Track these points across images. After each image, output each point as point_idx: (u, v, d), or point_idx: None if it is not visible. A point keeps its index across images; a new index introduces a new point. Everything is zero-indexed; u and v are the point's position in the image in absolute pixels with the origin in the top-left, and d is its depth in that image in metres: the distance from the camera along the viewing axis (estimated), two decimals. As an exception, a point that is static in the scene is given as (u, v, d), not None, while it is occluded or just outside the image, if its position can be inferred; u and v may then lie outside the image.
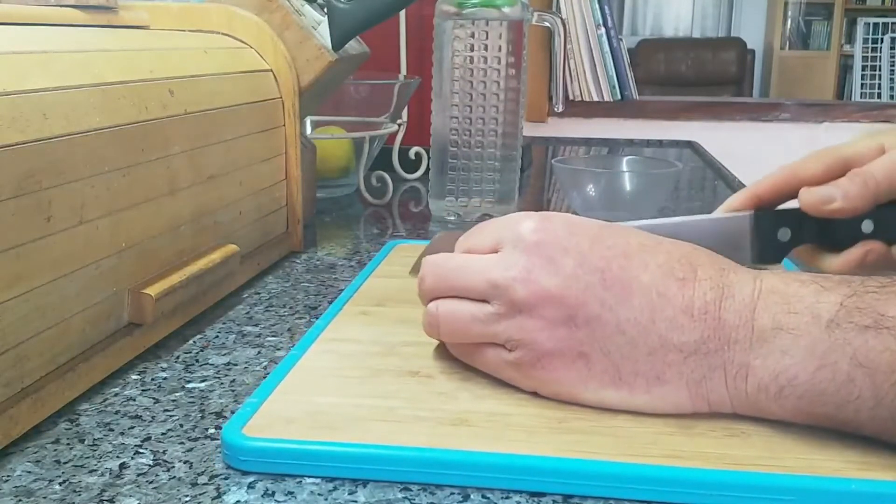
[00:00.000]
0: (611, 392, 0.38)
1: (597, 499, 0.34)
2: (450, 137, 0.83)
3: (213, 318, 0.55)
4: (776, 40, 5.33)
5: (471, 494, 0.34)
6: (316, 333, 0.48)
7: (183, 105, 0.52)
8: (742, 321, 0.37)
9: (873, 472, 0.34)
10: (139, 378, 0.45)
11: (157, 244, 0.49)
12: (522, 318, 0.39)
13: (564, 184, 0.87)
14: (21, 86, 0.39)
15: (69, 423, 0.40)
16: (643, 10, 5.72)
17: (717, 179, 1.23)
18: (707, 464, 0.34)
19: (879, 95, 5.01)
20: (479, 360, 0.42)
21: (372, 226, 0.85)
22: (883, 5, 5.35)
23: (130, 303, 0.47)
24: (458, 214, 0.85)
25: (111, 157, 0.44)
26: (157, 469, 0.36)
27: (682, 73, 4.75)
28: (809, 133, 2.09)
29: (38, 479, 0.35)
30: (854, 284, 0.36)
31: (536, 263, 0.39)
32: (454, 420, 0.38)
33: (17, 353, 0.38)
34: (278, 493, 0.34)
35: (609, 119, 2.05)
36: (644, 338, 0.38)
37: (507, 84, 0.81)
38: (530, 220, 0.41)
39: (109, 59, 0.48)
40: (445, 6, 0.81)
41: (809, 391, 0.35)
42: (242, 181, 0.61)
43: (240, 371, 0.46)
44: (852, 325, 0.35)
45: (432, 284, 0.43)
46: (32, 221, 0.38)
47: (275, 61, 0.67)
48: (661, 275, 0.38)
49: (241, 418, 0.37)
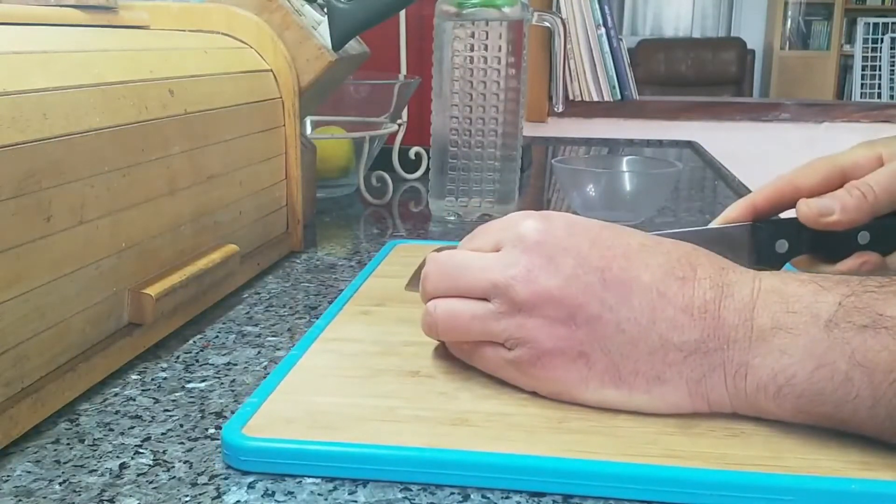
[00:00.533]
0: (611, 391, 0.38)
1: (597, 499, 0.34)
2: (450, 137, 0.83)
3: (213, 318, 0.55)
4: (776, 40, 5.33)
5: (471, 494, 0.34)
6: (316, 333, 0.48)
7: (183, 105, 0.52)
8: (741, 320, 0.37)
9: (873, 472, 0.34)
10: (139, 378, 0.45)
11: (157, 244, 0.49)
12: (522, 317, 0.39)
13: (564, 184, 0.87)
14: (21, 86, 0.39)
15: (69, 423, 0.40)
16: (643, 10, 5.72)
17: (717, 179, 1.23)
18: (707, 464, 0.34)
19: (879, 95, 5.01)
20: (478, 359, 0.42)
21: (372, 226, 0.85)
22: (883, 5, 5.35)
23: (130, 303, 0.47)
24: (458, 214, 0.85)
25: (111, 157, 0.44)
26: (157, 469, 0.36)
27: (682, 73, 4.75)
28: (809, 133, 2.09)
29: (38, 479, 0.35)
30: (852, 284, 0.36)
31: (537, 263, 0.39)
32: (454, 420, 0.38)
33: (17, 353, 0.38)
34: (278, 493, 0.34)
35: (609, 119, 2.05)
36: (644, 337, 0.38)
37: (507, 84, 0.81)
38: (531, 220, 0.41)
39: (109, 59, 0.48)
40: (445, 6, 0.81)
41: (808, 390, 0.35)
42: (242, 181, 0.61)
43: (240, 371, 0.46)
44: (851, 325, 0.35)
45: (435, 284, 0.43)
46: (32, 221, 0.38)
47: (275, 61, 0.67)
48: (662, 274, 0.38)
49: (241, 418, 0.37)
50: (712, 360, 0.37)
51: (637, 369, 0.38)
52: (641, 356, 0.38)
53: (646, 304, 0.38)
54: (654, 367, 0.38)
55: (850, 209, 0.48)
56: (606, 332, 0.38)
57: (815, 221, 0.49)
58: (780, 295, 0.37)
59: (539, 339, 0.39)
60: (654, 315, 0.38)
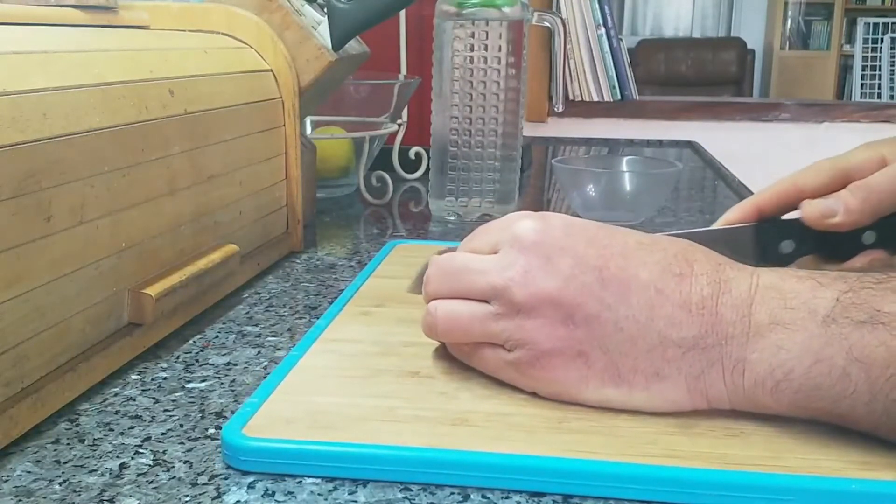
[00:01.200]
0: (610, 390, 0.38)
1: (597, 499, 0.34)
2: (450, 137, 0.83)
3: (213, 318, 0.55)
4: (776, 40, 5.33)
5: (471, 494, 0.34)
6: (316, 333, 0.48)
7: (183, 105, 0.52)
8: (739, 316, 0.37)
9: (874, 471, 0.34)
10: (139, 378, 0.45)
11: (157, 244, 0.49)
12: (521, 318, 0.39)
13: (564, 184, 0.87)
14: (21, 86, 0.39)
15: (69, 423, 0.40)
16: (643, 10, 5.72)
17: (717, 179, 1.23)
18: (707, 464, 0.34)
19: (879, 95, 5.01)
20: (478, 360, 0.42)
21: (372, 226, 0.85)
22: (883, 5, 5.35)
23: (130, 303, 0.47)
24: (458, 214, 0.85)
25: (111, 157, 0.44)
26: (157, 469, 0.36)
27: (682, 73, 4.75)
28: (809, 133, 2.09)
29: (38, 479, 0.35)
30: (850, 281, 0.36)
31: (534, 264, 0.39)
32: (454, 420, 0.38)
33: (17, 353, 0.38)
34: (278, 493, 0.34)
35: (609, 119, 2.05)
36: (643, 335, 0.38)
37: (507, 84, 0.81)
38: (527, 221, 0.41)
39: (109, 59, 0.48)
40: (445, 6, 0.81)
41: (805, 385, 0.35)
42: (242, 181, 0.61)
43: (240, 371, 0.46)
44: (848, 321, 0.35)
45: (436, 286, 0.43)
46: (32, 221, 0.38)
47: (275, 61, 0.67)
48: (659, 272, 0.39)
49: (241, 418, 0.37)
50: (710, 356, 0.37)
51: (636, 367, 0.38)
52: (640, 354, 0.38)
53: (644, 302, 0.38)
54: (653, 363, 0.38)
55: (854, 210, 0.48)
56: (605, 331, 0.38)
57: (819, 222, 0.49)
58: (778, 291, 0.37)
59: (538, 340, 0.39)
60: (652, 312, 0.38)
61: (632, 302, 0.38)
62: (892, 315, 0.34)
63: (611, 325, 0.38)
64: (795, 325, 0.36)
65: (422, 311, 0.44)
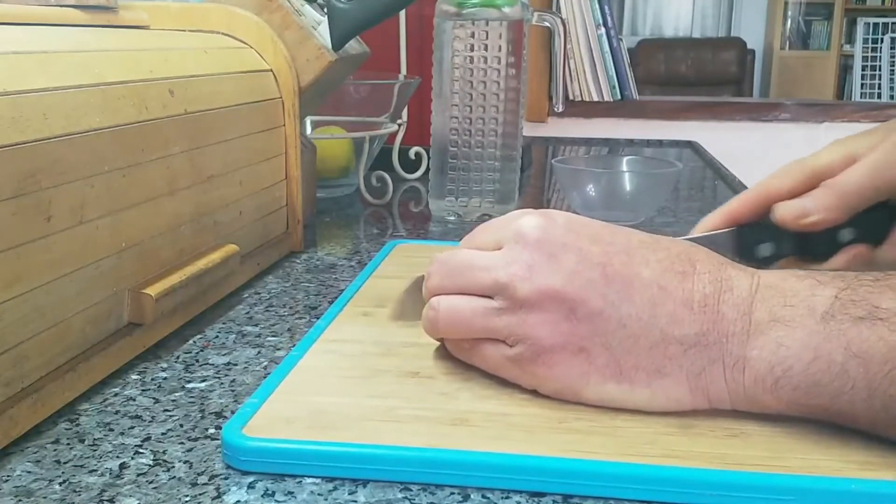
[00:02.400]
0: (612, 386, 0.38)
1: (597, 499, 0.34)
2: (450, 137, 0.83)
3: (213, 318, 0.55)
4: (776, 40, 5.33)
5: (471, 494, 0.34)
6: (316, 334, 0.48)
7: (183, 105, 0.52)
8: (739, 314, 0.37)
9: (874, 471, 0.34)
10: (139, 378, 0.45)
11: (157, 244, 0.49)
12: (524, 313, 0.39)
13: (564, 184, 0.87)
14: (21, 86, 0.39)
15: (69, 423, 0.40)
16: (643, 10, 5.72)
17: (717, 179, 1.23)
18: (707, 464, 0.34)
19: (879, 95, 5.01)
20: (479, 357, 0.42)
21: (372, 226, 0.85)
22: (883, 5, 5.36)
23: (130, 303, 0.47)
24: (458, 214, 0.85)
25: (111, 157, 0.44)
26: (157, 469, 0.36)
27: (682, 73, 4.75)
28: (809, 133, 2.09)
29: (38, 479, 0.35)
30: (848, 279, 0.37)
31: (538, 260, 0.39)
32: (454, 420, 0.38)
33: (17, 353, 0.38)
34: (278, 493, 0.34)
35: (609, 119, 2.05)
36: (645, 332, 0.38)
37: (507, 84, 0.81)
38: (531, 217, 0.41)
39: (109, 59, 0.48)
40: (445, 6, 0.81)
41: (804, 382, 0.35)
42: (242, 181, 0.61)
43: (240, 371, 0.46)
44: (847, 317, 0.35)
45: (438, 282, 0.43)
46: (32, 221, 0.38)
47: (275, 61, 0.67)
48: (662, 269, 0.39)
49: (241, 418, 0.37)
50: (711, 354, 0.37)
51: (638, 364, 0.38)
52: (642, 351, 0.38)
53: (647, 299, 0.38)
54: (655, 360, 0.38)
55: (828, 208, 0.49)
56: (608, 328, 0.38)
57: (794, 223, 0.49)
58: (778, 290, 0.37)
59: (540, 336, 0.39)
60: (654, 310, 0.38)
61: (635, 299, 0.38)
62: (890, 311, 0.35)
63: (614, 321, 0.38)
64: (795, 322, 0.36)
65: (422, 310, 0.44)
